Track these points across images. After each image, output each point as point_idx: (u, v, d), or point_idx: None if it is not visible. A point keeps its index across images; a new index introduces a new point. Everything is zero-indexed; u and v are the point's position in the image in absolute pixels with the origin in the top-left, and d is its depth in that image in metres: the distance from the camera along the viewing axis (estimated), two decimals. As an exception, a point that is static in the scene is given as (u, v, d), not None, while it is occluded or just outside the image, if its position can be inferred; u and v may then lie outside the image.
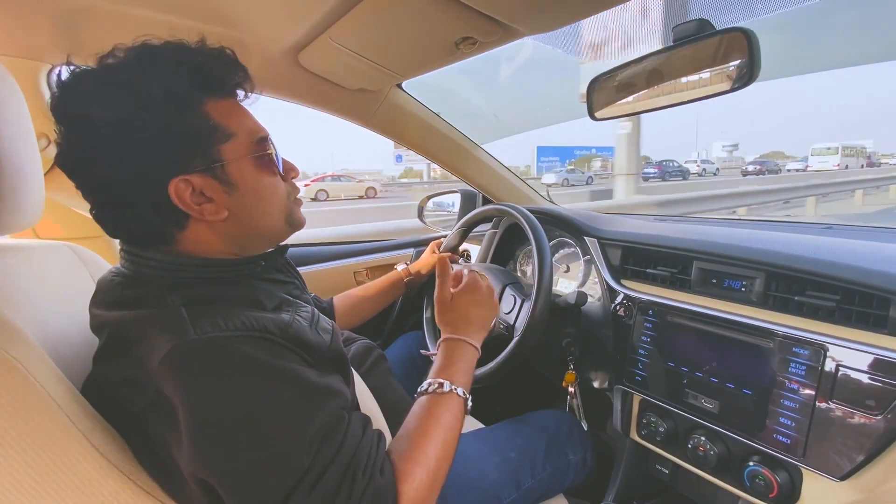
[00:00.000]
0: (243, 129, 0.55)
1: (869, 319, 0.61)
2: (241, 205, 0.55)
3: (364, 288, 1.11)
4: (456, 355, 0.67)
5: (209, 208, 0.52)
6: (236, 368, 0.45)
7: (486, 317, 0.74)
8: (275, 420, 0.45)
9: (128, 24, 0.80)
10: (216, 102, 0.53)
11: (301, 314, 0.57)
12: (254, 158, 0.55)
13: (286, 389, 0.47)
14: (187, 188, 0.50)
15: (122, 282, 0.53)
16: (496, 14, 0.70)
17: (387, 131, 1.25)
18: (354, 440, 0.49)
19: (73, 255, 0.72)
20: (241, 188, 0.54)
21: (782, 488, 0.65)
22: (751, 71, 0.60)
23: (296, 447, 0.44)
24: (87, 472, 0.45)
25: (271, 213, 0.58)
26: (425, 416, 0.57)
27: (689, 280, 0.83)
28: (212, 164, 0.52)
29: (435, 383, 0.61)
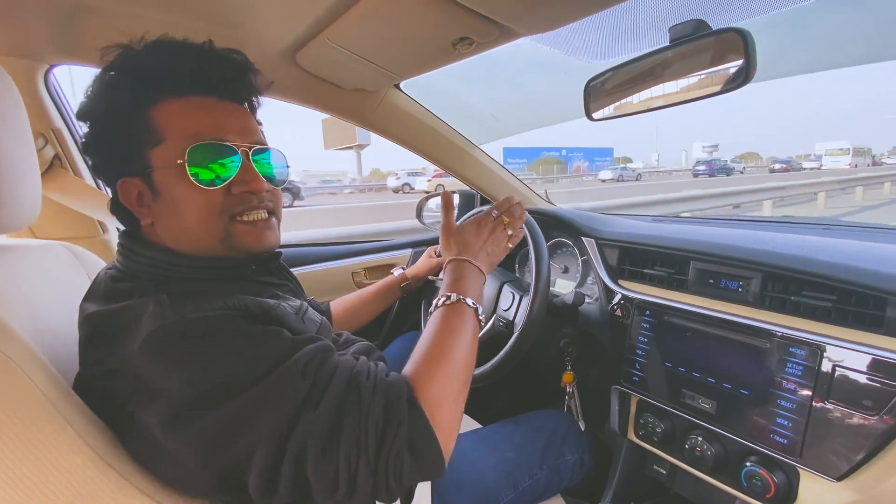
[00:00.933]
0: (178, 134, 0.51)
1: (865, 320, 0.61)
2: (161, 214, 0.54)
3: (361, 293, 1.11)
4: (462, 272, 0.66)
5: (143, 212, 0.54)
6: (217, 337, 0.45)
7: (493, 246, 0.72)
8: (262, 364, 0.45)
9: (124, 24, 0.80)
10: (169, 103, 0.52)
11: (287, 303, 0.57)
12: (178, 167, 0.51)
13: (269, 339, 0.47)
14: (132, 190, 0.53)
15: (113, 276, 0.54)
16: (493, 14, 0.70)
17: (384, 132, 1.25)
18: (349, 362, 0.50)
19: (69, 255, 0.72)
20: (163, 197, 0.53)
21: (779, 489, 0.65)
22: (747, 71, 0.60)
23: (290, 377, 0.45)
24: (81, 469, 0.45)
25: (190, 228, 0.53)
26: (437, 327, 0.57)
27: (686, 280, 0.83)
28: (144, 169, 0.52)
29: (444, 297, 0.61)
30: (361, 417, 0.44)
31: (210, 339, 0.45)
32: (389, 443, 0.44)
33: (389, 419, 0.45)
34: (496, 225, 0.74)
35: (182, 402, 0.43)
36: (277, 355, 0.46)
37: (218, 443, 0.43)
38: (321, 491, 0.43)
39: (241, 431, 0.43)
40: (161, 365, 0.44)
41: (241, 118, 0.56)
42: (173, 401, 0.43)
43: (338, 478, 0.43)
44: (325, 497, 0.44)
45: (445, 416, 0.49)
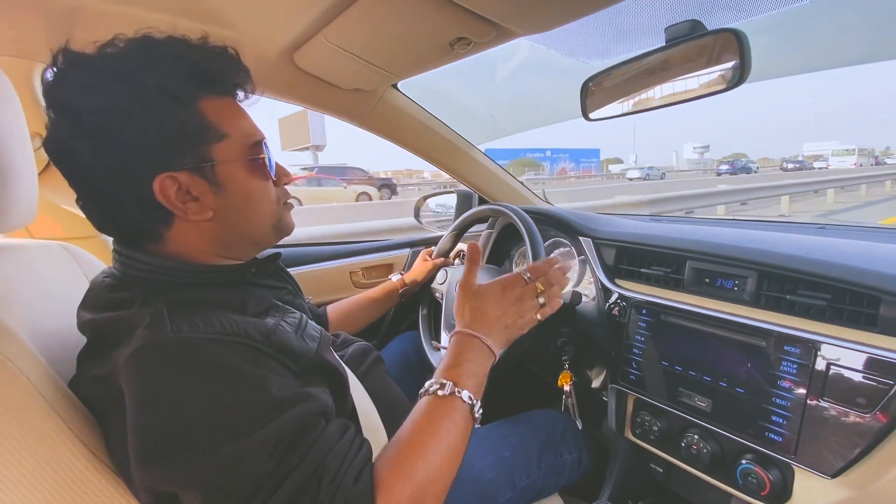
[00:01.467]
0: (238, 131, 0.54)
1: (860, 318, 0.62)
2: (227, 206, 0.54)
3: (358, 298, 1.10)
4: (466, 353, 0.59)
5: (193, 207, 0.52)
6: (202, 369, 0.44)
7: (516, 319, 0.63)
8: (233, 423, 0.43)
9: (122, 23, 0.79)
10: (212, 101, 0.53)
11: (287, 320, 0.56)
12: (246, 161, 0.54)
13: (251, 394, 0.44)
14: (173, 185, 0.50)
15: (111, 284, 0.53)
16: (490, 15, 0.70)
17: (382, 131, 1.25)
18: (325, 446, 0.45)
19: (67, 255, 0.72)
20: (230, 190, 0.53)
21: (774, 486, 0.66)
22: (741, 71, 0.61)
23: (255, 452, 0.42)
24: (78, 469, 0.45)
25: (259, 217, 0.57)
26: (420, 422, 0.52)
27: (682, 279, 0.83)
28: (201, 164, 0.51)
29: (436, 384, 0.54)
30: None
31: (195, 370, 0.44)
32: None
33: None
34: (526, 293, 0.65)
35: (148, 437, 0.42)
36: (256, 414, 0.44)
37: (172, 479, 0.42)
38: None
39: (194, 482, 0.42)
40: (139, 383, 0.43)
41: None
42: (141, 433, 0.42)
43: None
44: None
45: None
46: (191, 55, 0.52)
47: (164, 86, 0.49)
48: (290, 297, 0.67)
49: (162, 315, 0.46)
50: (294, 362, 0.51)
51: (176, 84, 0.49)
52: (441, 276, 1.16)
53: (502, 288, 0.65)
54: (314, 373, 0.55)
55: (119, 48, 0.50)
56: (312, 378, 0.54)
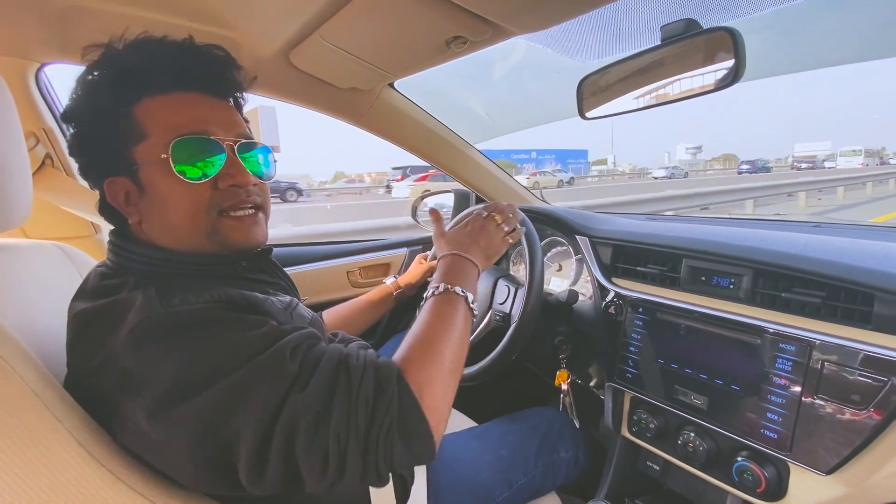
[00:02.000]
0: (161, 129, 0.51)
1: (854, 315, 0.62)
2: (148, 211, 0.53)
3: (354, 303, 1.10)
4: (452, 265, 0.65)
5: (130, 210, 0.54)
6: (203, 327, 0.45)
7: (486, 240, 0.72)
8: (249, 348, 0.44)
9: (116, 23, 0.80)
10: (152, 100, 0.52)
11: (277, 298, 0.57)
12: (161, 161, 0.50)
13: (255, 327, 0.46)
14: (119, 189, 0.53)
15: (103, 272, 0.54)
16: (486, 13, 0.70)
17: (379, 131, 1.25)
18: (339, 347, 0.50)
19: (61, 255, 0.72)
20: (149, 193, 0.52)
21: (770, 483, 0.66)
22: (736, 70, 0.61)
23: (278, 360, 0.44)
24: (73, 469, 0.45)
25: (178, 225, 0.52)
26: (427, 317, 0.57)
27: (678, 278, 0.83)
28: (130, 167, 0.52)
29: (434, 288, 0.61)
30: (352, 396, 0.44)
31: (196, 329, 0.45)
32: (379, 422, 0.44)
33: (379, 399, 0.45)
34: (486, 222, 0.75)
35: (168, 390, 0.42)
36: (264, 340, 0.46)
37: (206, 427, 0.42)
38: (310, 472, 0.43)
39: (229, 414, 0.42)
40: (146, 355, 0.44)
41: (225, 113, 0.56)
42: (160, 389, 0.42)
43: (328, 458, 0.43)
44: (315, 479, 0.43)
45: (435, 399, 0.49)
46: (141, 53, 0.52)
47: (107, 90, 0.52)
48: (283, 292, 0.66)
49: (151, 295, 0.46)
50: None
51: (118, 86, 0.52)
52: None
53: (464, 224, 0.75)
54: None
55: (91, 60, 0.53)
56: None
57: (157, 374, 0.43)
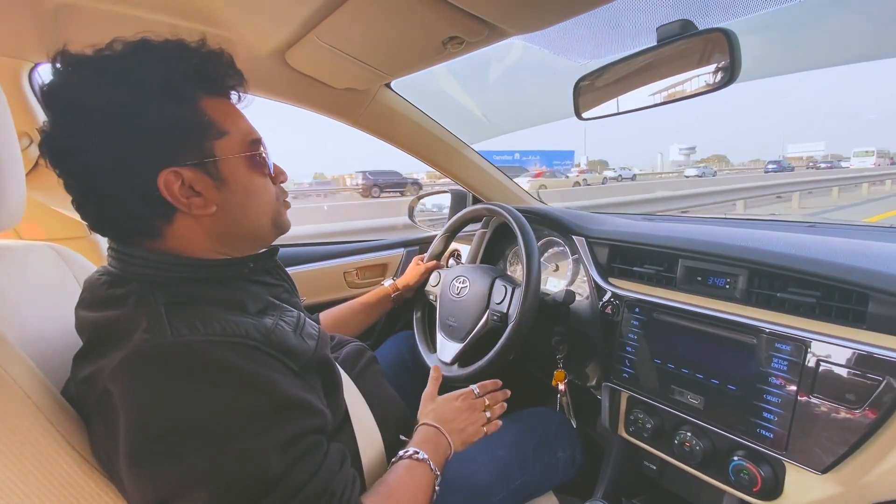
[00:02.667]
0: (237, 129, 0.56)
1: (848, 315, 0.62)
2: (229, 201, 0.55)
3: (351, 304, 1.10)
4: (430, 438, 0.67)
5: (197, 202, 0.52)
6: (205, 371, 0.44)
7: (469, 425, 0.72)
8: (240, 421, 0.43)
9: (111, 22, 0.79)
10: (211, 100, 0.54)
11: (285, 319, 0.57)
12: (246, 158, 0.56)
13: (257, 397, 0.46)
14: (177, 180, 0.51)
15: (107, 281, 0.53)
16: (483, 14, 0.70)
17: (375, 131, 1.25)
18: (331, 471, 0.49)
19: (55, 256, 0.71)
20: (232, 185, 0.55)
21: (766, 482, 0.66)
22: (731, 70, 0.61)
23: (257, 456, 0.43)
24: (67, 473, 0.45)
25: (259, 212, 0.59)
26: (398, 475, 0.59)
27: (674, 278, 0.84)
28: (204, 159, 0.52)
29: (411, 450, 0.63)
30: None
31: (196, 373, 0.44)
32: None
33: None
34: (476, 405, 0.75)
35: (143, 439, 0.42)
36: (261, 417, 0.45)
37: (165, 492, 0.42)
38: None
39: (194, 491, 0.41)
40: (137, 387, 0.43)
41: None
42: (137, 436, 0.42)
43: None
44: None
45: None
46: (191, 56, 0.53)
47: (166, 84, 0.50)
48: (286, 295, 0.67)
49: (160, 317, 0.46)
50: (294, 361, 0.52)
51: (178, 82, 0.51)
52: (434, 279, 1.17)
53: (456, 397, 0.75)
54: (313, 371, 0.56)
55: (118, 50, 0.50)
56: (311, 377, 0.55)
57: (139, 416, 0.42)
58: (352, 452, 0.62)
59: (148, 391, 0.43)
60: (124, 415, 0.42)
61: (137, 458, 0.42)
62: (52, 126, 0.49)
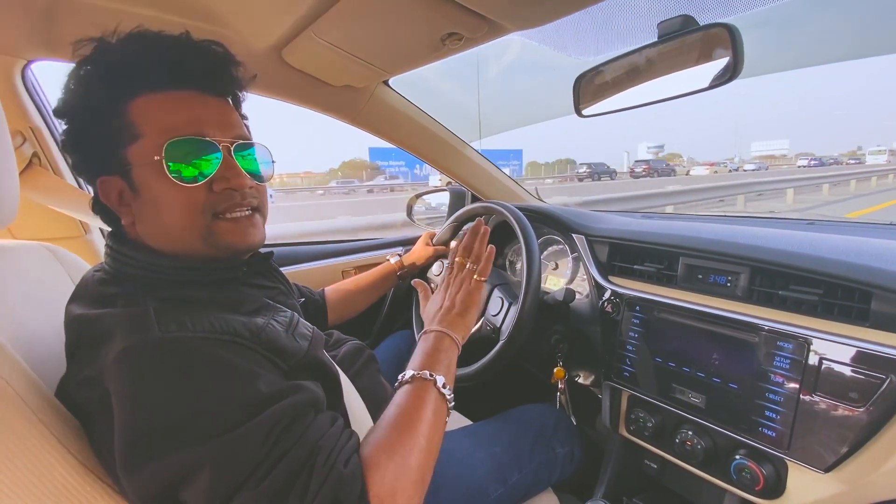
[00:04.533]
0: (156, 129, 0.50)
1: (851, 313, 0.62)
2: (141, 213, 0.52)
3: (356, 280, 1.10)
4: (430, 346, 0.63)
5: (123, 210, 0.53)
6: (192, 365, 0.44)
7: (463, 303, 0.70)
8: (226, 413, 0.42)
9: (104, 18, 0.78)
10: (147, 98, 0.51)
11: (277, 318, 0.55)
12: (157, 164, 0.49)
13: (242, 386, 0.44)
14: (113, 188, 0.52)
15: (101, 278, 0.53)
16: (481, 10, 0.69)
17: (374, 129, 1.24)
18: (316, 433, 0.46)
19: (50, 256, 0.71)
20: (143, 195, 0.51)
21: (768, 481, 0.66)
22: (734, 66, 0.60)
23: (248, 440, 0.42)
24: (61, 476, 0.44)
25: (171, 226, 0.51)
26: (401, 406, 0.54)
27: (675, 276, 0.83)
28: (124, 167, 0.51)
29: (408, 372, 0.58)
30: None
31: (186, 368, 0.43)
32: None
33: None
34: (458, 278, 0.73)
35: (137, 437, 0.41)
36: (246, 409, 0.43)
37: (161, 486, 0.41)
38: None
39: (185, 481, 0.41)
40: (128, 384, 0.42)
41: (222, 112, 0.55)
42: (130, 434, 0.41)
43: None
44: None
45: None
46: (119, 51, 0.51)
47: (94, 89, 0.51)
48: (282, 297, 0.66)
49: (148, 315, 0.45)
50: (284, 361, 0.51)
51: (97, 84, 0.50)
52: (437, 268, 1.16)
53: (445, 287, 0.73)
54: (304, 370, 0.55)
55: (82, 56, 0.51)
56: (302, 375, 0.54)
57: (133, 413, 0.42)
58: None
59: (138, 387, 0.42)
60: (117, 412, 0.42)
61: (132, 453, 0.41)
62: None
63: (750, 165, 44.35)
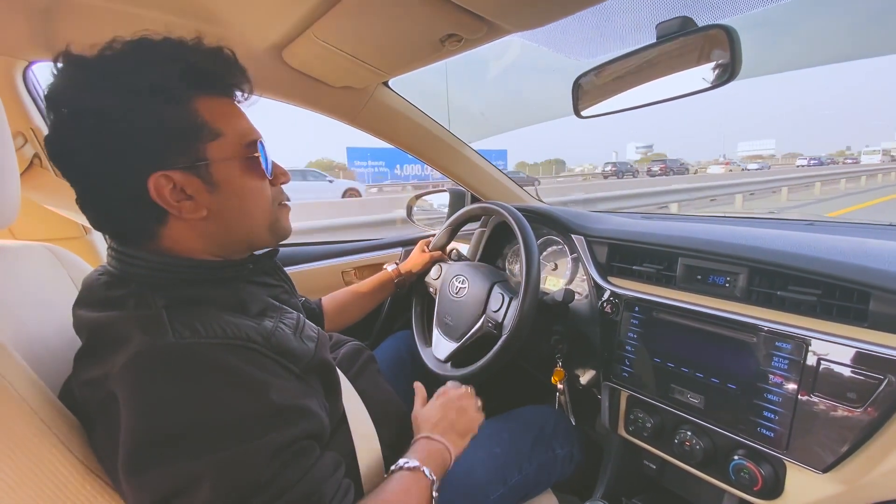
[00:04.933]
0: (233, 130, 0.54)
1: (849, 313, 0.62)
2: (222, 205, 0.54)
3: (353, 288, 1.10)
4: (437, 453, 0.65)
5: (188, 206, 0.52)
6: (205, 373, 0.44)
7: (460, 418, 0.71)
8: (235, 426, 0.43)
9: (104, 19, 0.79)
10: (208, 100, 0.53)
11: (285, 321, 0.57)
12: (241, 160, 0.55)
13: (253, 399, 0.45)
14: (168, 184, 0.50)
15: (107, 281, 0.53)
16: (481, 11, 0.69)
17: (374, 129, 1.24)
18: (322, 474, 0.48)
19: (51, 256, 0.71)
20: (224, 189, 0.53)
21: (766, 481, 0.66)
22: (732, 67, 0.61)
23: (254, 457, 0.43)
24: (63, 476, 0.44)
25: (252, 216, 0.57)
26: (390, 490, 0.57)
27: (674, 276, 0.83)
28: (196, 162, 0.51)
29: (403, 460, 0.60)
30: None
31: (197, 376, 0.44)
32: None
33: None
34: (463, 401, 0.74)
35: (144, 443, 0.41)
36: (258, 418, 0.45)
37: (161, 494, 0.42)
38: None
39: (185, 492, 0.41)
40: (138, 389, 0.43)
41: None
42: (136, 439, 0.42)
43: None
44: None
45: None
46: (186, 55, 0.52)
47: (156, 85, 0.49)
48: (286, 296, 0.67)
49: (161, 319, 0.45)
50: (294, 364, 0.52)
51: (169, 83, 0.50)
52: (435, 272, 1.16)
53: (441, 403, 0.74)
54: (313, 373, 0.56)
55: (116, 49, 0.50)
56: (312, 379, 0.55)
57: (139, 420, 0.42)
58: (348, 453, 0.62)
59: (149, 393, 0.43)
60: (125, 417, 0.42)
61: (136, 459, 0.42)
62: (51, 126, 0.49)
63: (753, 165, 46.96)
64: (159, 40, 0.51)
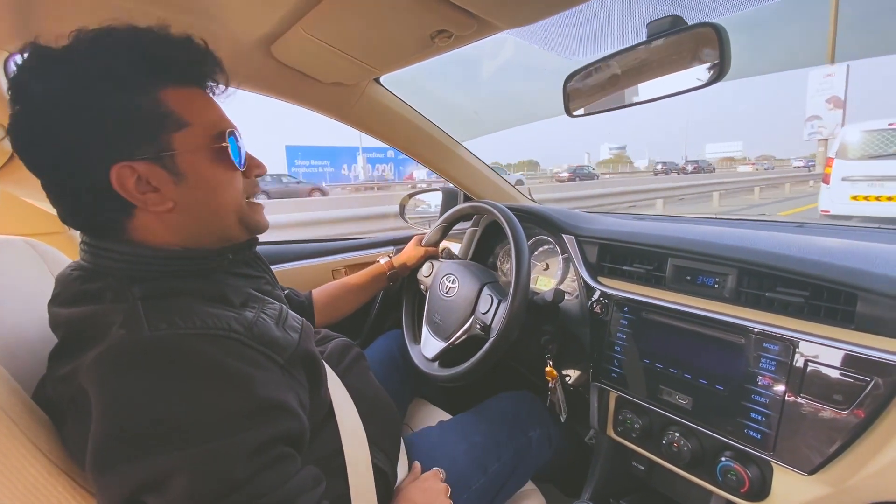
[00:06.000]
0: (201, 120, 0.53)
1: (837, 315, 0.62)
2: (189, 197, 0.53)
3: (345, 280, 1.09)
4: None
5: (153, 198, 0.50)
6: (184, 367, 0.43)
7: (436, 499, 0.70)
8: (216, 421, 0.42)
9: (85, 9, 0.77)
10: (175, 90, 0.51)
11: (267, 311, 0.56)
12: (209, 151, 0.53)
13: (233, 397, 0.44)
14: (131, 175, 0.49)
15: (80, 276, 0.51)
16: (471, 7, 0.68)
17: (365, 127, 1.23)
18: (299, 486, 0.47)
19: (30, 251, 0.69)
20: (191, 180, 0.52)
21: (753, 483, 0.66)
22: (721, 65, 0.60)
23: (233, 453, 0.42)
24: (33, 476, 0.43)
25: (222, 209, 0.56)
26: None
27: (663, 277, 0.83)
28: (160, 153, 0.50)
29: None
30: None
31: (173, 368, 0.43)
32: None
33: None
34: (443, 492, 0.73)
35: (111, 437, 0.40)
36: (236, 414, 0.44)
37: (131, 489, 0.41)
38: None
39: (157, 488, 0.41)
40: (110, 382, 0.41)
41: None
42: (104, 433, 0.41)
43: None
44: None
45: None
46: (148, 43, 0.50)
47: (113, 73, 0.48)
48: (268, 287, 0.65)
49: (137, 311, 0.44)
50: (279, 354, 0.51)
51: (133, 73, 0.49)
52: (427, 269, 1.15)
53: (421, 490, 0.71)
54: (298, 364, 0.55)
55: (81, 39, 0.49)
56: (297, 370, 0.54)
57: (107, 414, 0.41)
58: (335, 449, 0.61)
59: (120, 388, 0.41)
60: (95, 412, 0.41)
61: (102, 455, 0.41)
62: (14, 117, 0.48)
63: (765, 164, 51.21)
64: (122, 29, 0.50)
